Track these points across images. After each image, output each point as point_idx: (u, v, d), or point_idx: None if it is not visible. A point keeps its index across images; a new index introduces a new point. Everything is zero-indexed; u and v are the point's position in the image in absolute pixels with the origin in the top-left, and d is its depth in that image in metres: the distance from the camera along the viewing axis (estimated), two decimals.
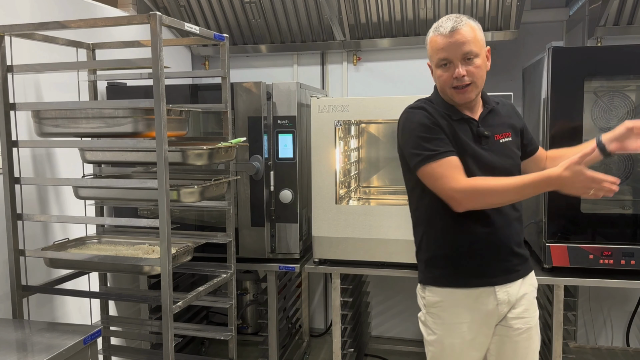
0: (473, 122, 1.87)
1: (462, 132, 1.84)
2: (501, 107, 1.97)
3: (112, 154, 2.24)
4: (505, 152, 1.89)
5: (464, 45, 1.75)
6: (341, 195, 2.86)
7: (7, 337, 1.88)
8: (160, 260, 2.02)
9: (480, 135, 1.86)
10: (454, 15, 1.80)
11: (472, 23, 1.80)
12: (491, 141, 1.87)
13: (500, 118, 1.93)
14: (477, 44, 1.77)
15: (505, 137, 1.90)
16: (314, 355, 3.63)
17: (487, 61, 1.85)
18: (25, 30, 2.12)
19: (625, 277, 2.47)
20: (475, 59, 1.78)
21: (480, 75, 1.80)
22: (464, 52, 1.75)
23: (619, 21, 3.20)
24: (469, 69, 1.77)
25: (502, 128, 1.91)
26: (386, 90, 3.60)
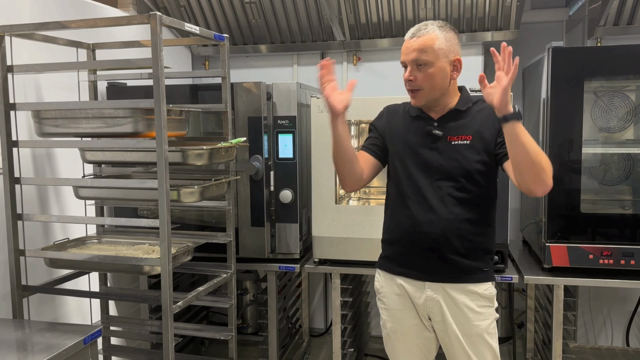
0: (429, 121, 1.94)
1: (413, 129, 1.96)
2: (477, 111, 1.92)
3: (112, 154, 2.24)
4: (453, 155, 1.88)
5: (414, 52, 1.84)
6: (341, 195, 2.86)
7: (7, 337, 1.88)
8: (160, 260, 2.02)
9: (429, 134, 1.91)
10: (424, 22, 1.87)
11: (436, 32, 1.83)
12: (442, 141, 1.90)
13: (466, 121, 1.91)
14: (432, 54, 1.81)
15: (461, 140, 1.88)
16: (314, 355, 3.63)
17: (451, 71, 1.87)
18: (25, 30, 2.12)
19: (625, 277, 2.47)
20: (426, 67, 1.83)
21: (432, 84, 1.84)
22: (414, 59, 1.84)
23: (619, 21, 3.20)
24: (418, 75, 1.85)
25: (461, 130, 1.90)
26: (386, 90, 3.60)
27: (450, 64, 1.86)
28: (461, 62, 1.88)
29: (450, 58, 1.85)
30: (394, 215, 2.02)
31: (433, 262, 1.92)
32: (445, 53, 1.83)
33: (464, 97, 1.95)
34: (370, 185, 3.29)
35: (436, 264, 1.92)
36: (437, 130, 1.91)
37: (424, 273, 1.94)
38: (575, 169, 2.48)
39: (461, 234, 1.88)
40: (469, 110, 1.92)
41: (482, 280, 1.93)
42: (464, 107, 1.92)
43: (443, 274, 1.92)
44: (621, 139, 2.76)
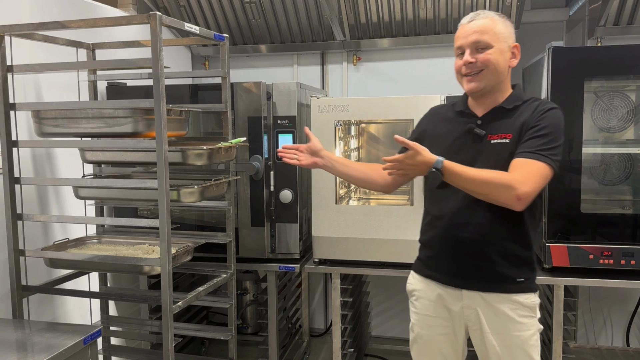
0: (473, 118, 1.87)
1: (455, 127, 1.90)
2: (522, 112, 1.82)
3: (112, 154, 2.24)
4: (491, 155, 1.80)
5: (475, 34, 1.78)
6: (341, 195, 2.86)
7: (7, 337, 1.88)
8: (160, 260, 2.02)
9: (470, 132, 1.85)
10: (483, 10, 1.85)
11: (495, 17, 1.80)
12: (483, 141, 1.83)
13: (510, 120, 1.81)
14: (492, 36, 1.77)
15: (500, 139, 1.80)
16: (314, 355, 3.63)
17: (510, 58, 1.82)
18: (25, 30, 2.12)
19: (625, 277, 2.47)
20: (487, 50, 1.78)
21: (494, 64, 1.78)
22: (475, 40, 1.78)
23: (619, 21, 3.20)
24: (479, 56, 1.78)
25: (502, 128, 1.81)
26: (386, 90, 3.61)
27: (509, 50, 1.81)
28: (519, 49, 1.83)
29: (510, 44, 1.81)
30: (428, 217, 1.96)
31: (467, 268, 1.84)
32: (505, 37, 1.80)
33: (514, 94, 1.86)
34: None
35: (470, 270, 1.84)
36: (480, 129, 1.83)
37: (459, 279, 1.87)
38: (576, 169, 2.48)
39: (494, 240, 1.80)
40: (515, 109, 1.83)
41: (518, 291, 1.82)
42: (510, 105, 1.83)
43: (478, 281, 1.84)
44: (621, 139, 2.76)
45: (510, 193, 1.67)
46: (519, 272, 1.83)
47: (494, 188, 1.70)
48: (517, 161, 1.73)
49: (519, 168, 1.72)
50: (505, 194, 1.68)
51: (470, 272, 1.85)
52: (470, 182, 1.72)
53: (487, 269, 1.82)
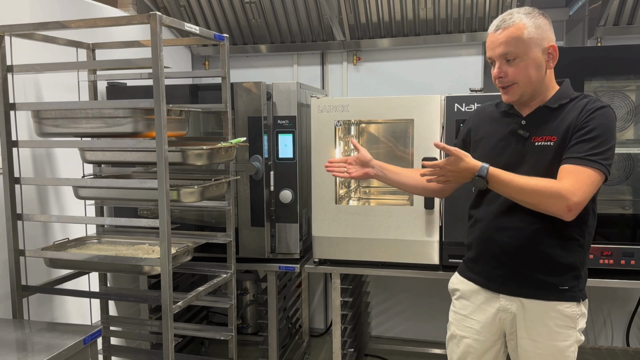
0: (517, 119, 1.80)
1: (499, 127, 1.83)
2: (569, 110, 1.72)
3: (112, 154, 2.24)
4: (534, 157, 1.73)
5: (501, 46, 1.70)
6: (341, 195, 2.86)
7: (7, 337, 1.88)
8: (160, 260, 2.02)
9: (514, 133, 1.78)
10: (511, 10, 1.73)
11: (524, 20, 1.68)
12: (527, 142, 1.75)
13: (555, 120, 1.72)
14: (520, 45, 1.67)
15: (545, 141, 1.71)
16: (314, 355, 3.63)
17: (545, 60, 1.71)
18: (25, 30, 2.12)
19: (625, 277, 2.47)
20: (516, 61, 1.69)
21: (526, 76, 1.70)
22: (502, 53, 1.70)
23: (619, 21, 3.20)
24: (508, 70, 1.71)
25: (547, 130, 1.72)
26: (386, 90, 3.60)
27: (544, 53, 1.70)
28: (556, 49, 1.71)
29: (544, 46, 1.69)
30: (471, 219, 1.92)
31: (506, 273, 1.79)
32: (538, 41, 1.68)
33: (560, 92, 1.76)
34: (370, 184, 3.30)
35: (510, 275, 1.78)
36: (523, 130, 1.75)
37: (498, 283, 1.82)
38: None
39: (535, 245, 1.72)
40: (561, 109, 1.73)
41: (560, 299, 1.73)
42: (555, 104, 1.73)
43: (518, 287, 1.77)
44: (621, 139, 2.76)
45: (560, 204, 1.60)
46: (562, 279, 1.74)
47: (543, 198, 1.63)
48: (566, 167, 1.65)
49: (568, 175, 1.63)
50: (556, 204, 1.62)
51: (510, 277, 1.79)
52: (518, 191, 1.65)
53: (526, 275, 1.76)
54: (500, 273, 1.81)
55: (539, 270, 1.74)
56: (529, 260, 1.75)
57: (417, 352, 3.55)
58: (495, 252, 1.81)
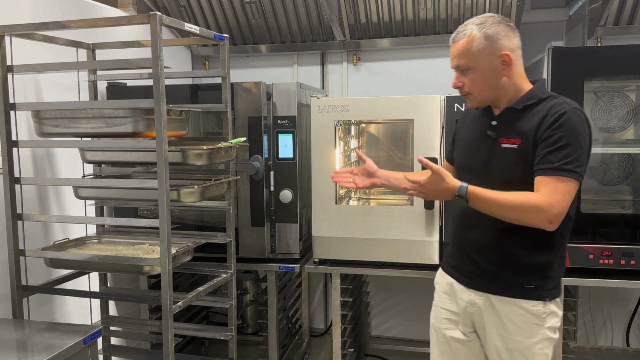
0: (489, 119, 1.85)
1: (475, 128, 1.90)
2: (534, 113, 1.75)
3: (112, 154, 2.24)
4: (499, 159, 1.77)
5: (455, 58, 1.80)
6: (341, 195, 2.86)
7: (7, 337, 1.88)
8: (160, 260, 2.02)
9: (484, 133, 1.84)
10: (467, 22, 1.79)
11: (474, 32, 1.73)
12: (495, 143, 1.79)
13: (520, 122, 1.75)
14: (470, 58, 1.74)
15: (510, 143, 1.75)
16: (314, 355, 3.63)
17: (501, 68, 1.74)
18: (25, 30, 2.12)
19: (625, 277, 2.47)
20: (468, 72, 1.77)
21: (480, 87, 1.77)
22: (455, 65, 1.80)
23: (619, 21, 3.20)
24: (464, 80, 1.80)
25: (512, 132, 1.76)
26: (386, 90, 3.60)
27: (497, 62, 1.73)
28: (510, 56, 1.73)
29: (496, 55, 1.73)
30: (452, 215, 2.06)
31: (474, 269, 1.86)
32: (487, 52, 1.72)
33: (529, 93, 1.78)
34: None
35: (477, 271, 1.85)
36: (492, 130, 1.81)
37: (468, 278, 1.89)
38: None
39: (500, 244, 1.77)
40: (527, 110, 1.76)
41: (526, 297, 1.77)
42: (520, 105, 1.77)
43: (483, 283, 1.83)
44: (621, 139, 2.76)
45: (541, 217, 1.64)
46: (527, 279, 1.77)
47: (523, 213, 1.66)
48: (541, 179, 1.67)
49: (544, 187, 1.65)
50: (537, 218, 1.65)
51: (478, 273, 1.85)
52: (498, 207, 1.68)
53: (493, 272, 1.81)
54: (470, 269, 1.88)
55: (504, 268, 1.79)
56: (495, 258, 1.81)
57: (417, 352, 3.55)
58: (465, 249, 1.89)
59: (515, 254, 1.77)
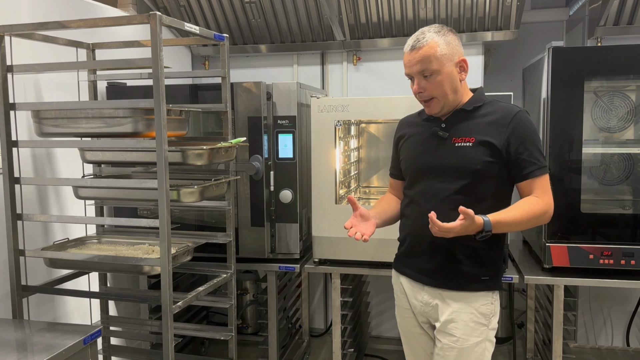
0: (437, 122, 1.95)
1: (422, 132, 1.99)
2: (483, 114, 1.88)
3: (112, 154, 2.24)
4: (454, 156, 1.86)
5: (417, 64, 1.84)
6: (341, 195, 2.86)
7: (7, 337, 1.88)
8: (160, 260, 2.02)
9: (435, 135, 1.92)
10: (423, 29, 1.86)
11: (435, 39, 1.82)
12: (447, 143, 1.89)
13: (471, 122, 1.88)
14: (436, 62, 1.81)
15: (464, 142, 1.86)
16: (314, 355, 3.63)
17: (458, 73, 1.86)
18: (25, 30, 2.12)
19: (625, 277, 2.47)
20: (433, 76, 1.83)
21: (442, 91, 1.85)
22: (420, 70, 1.84)
23: (619, 21, 3.20)
24: (426, 85, 1.85)
25: (465, 132, 1.87)
26: (386, 90, 3.60)
27: (456, 66, 1.86)
28: (467, 62, 1.88)
29: (455, 60, 1.85)
30: (402, 215, 2.06)
31: (429, 265, 1.93)
32: (449, 57, 1.83)
33: (475, 97, 1.93)
34: (370, 185, 3.30)
35: (432, 267, 1.92)
36: (443, 131, 1.91)
37: (425, 276, 1.95)
38: (576, 168, 2.48)
39: (457, 239, 1.80)
40: (475, 111, 1.90)
41: (480, 289, 1.89)
42: (470, 107, 1.90)
43: (442, 279, 1.91)
44: (621, 139, 2.76)
45: (547, 217, 1.83)
46: (481, 270, 1.89)
47: (537, 220, 1.82)
48: (530, 183, 1.83)
49: (538, 189, 1.82)
50: (544, 220, 1.83)
51: (435, 270, 1.92)
52: (517, 225, 1.80)
53: (451, 268, 1.89)
54: (427, 267, 1.94)
55: (464, 263, 1.88)
56: (455, 254, 1.88)
57: None
58: (423, 247, 1.93)
59: (474, 247, 1.86)
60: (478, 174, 1.83)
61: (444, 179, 1.87)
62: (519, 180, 1.85)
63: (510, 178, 1.87)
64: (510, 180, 1.88)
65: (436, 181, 1.89)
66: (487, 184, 1.84)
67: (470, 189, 1.84)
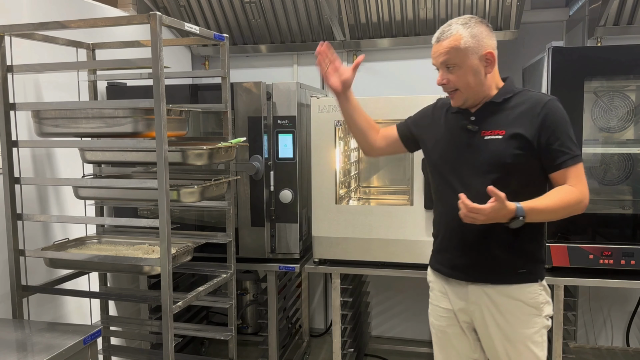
0: (466, 115, 1.92)
1: (450, 125, 1.96)
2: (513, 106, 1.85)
3: (112, 154, 2.24)
4: (486, 150, 1.84)
5: (442, 55, 1.83)
6: (341, 195, 2.86)
7: (7, 337, 1.88)
8: (160, 260, 2.02)
9: (464, 129, 1.90)
10: (449, 22, 1.86)
11: (460, 31, 1.80)
12: (477, 136, 1.87)
13: (501, 115, 1.85)
14: (458, 55, 1.80)
15: (494, 135, 1.84)
16: (314, 355, 3.63)
17: (483, 66, 1.83)
18: (25, 30, 2.12)
19: (625, 277, 2.47)
20: (456, 68, 1.82)
21: (465, 83, 1.83)
22: (443, 62, 1.84)
23: (619, 21, 3.20)
24: (450, 77, 1.85)
25: (495, 125, 1.85)
26: (386, 90, 3.60)
27: (481, 60, 1.82)
28: (494, 55, 1.84)
29: (481, 53, 1.81)
30: (436, 211, 2.04)
31: (463, 260, 1.90)
32: (474, 50, 1.80)
33: (504, 88, 1.89)
34: (370, 185, 3.30)
35: (473, 263, 1.89)
36: (472, 125, 1.88)
37: (462, 272, 1.92)
38: None
39: (492, 232, 1.81)
40: (505, 103, 1.86)
41: (521, 281, 1.86)
42: (499, 99, 1.87)
43: (480, 274, 1.88)
44: (621, 139, 2.76)
45: (582, 207, 1.80)
46: (519, 262, 1.87)
47: (571, 210, 1.79)
48: (564, 172, 1.80)
49: (573, 179, 1.80)
50: (579, 209, 1.80)
51: (472, 265, 1.89)
52: (552, 213, 1.78)
53: (487, 262, 1.87)
54: (464, 262, 1.91)
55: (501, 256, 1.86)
56: (492, 248, 1.86)
57: (417, 352, 3.55)
58: (460, 242, 1.91)
59: (513, 241, 1.84)
60: (509, 167, 1.81)
61: (475, 173, 1.85)
62: (552, 170, 1.82)
63: (543, 169, 1.84)
64: (544, 171, 1.84)
65: (467, 174, 1.86)
66: (519, 176, 1.82)
67: (502, 182, 1.77)
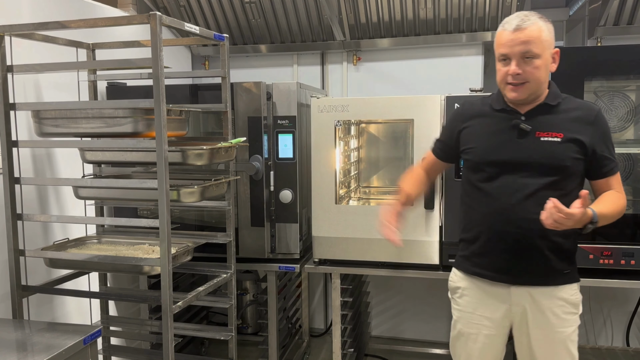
0: (515, 115, 1.87)
1: (496, 123, 1.90)
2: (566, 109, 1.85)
3: (112, 154, 2.24)
4: (542, 151, 1.80)
5: (523, 44, 1.75)
6: (341, 195, 2.86)
7: (7, 337, 1.88)
8: (160, 260, 2.02)
9: (516, 127, 1.85)
10: (525, 13, 1.79)
11: (540, 23, 1.77)
12: (530, 136, 1.83)
13: (556, 117, 1.83)
14: (539, 45, 1.75)
15: (551, 137, 1.81)
16: (314, 355, 3.62)
17: (551, 63, 1.83)
18: (25, 30, 2.12)
19: (625, 277, 2.47)
20: (534, 60, 1.76)
21: (537, 76, 1.78)
22: (522, 51, 1.76)
23: (619, 21, 3.20)
24: (526, 69, 1.77)
25: (551, 127, 1.82)
26: (386, 90, 3.60)
27: (551, 56, 1.82)
28: (559, 54, 1.83)
29: (552, 50, 1.81)
30: (472, 213, 1.96)
31: (518, 264, 1.85)
32: (549, 44, 1.79)
33: (554, 92, 1.87)
34: (370, 185, 3.30)
35: (521, 266, 1.85)
36: (526, 124, 1.83)
37: (509, 275, 1.88)
38: None
39: (545, 235, 1.78)
40: (559, 106, 1.85)
41: (566, 282, 1.87)
42: (554, 101, 1.85)
43: (528, 276, 1.86)
44: (621, 139, 2.76)
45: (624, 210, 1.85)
46: (565, 264, 1.88)
47: (620, 214, 1.83)
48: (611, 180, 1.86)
49: (617, 185, 1.87)
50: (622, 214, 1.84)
51: (521, 267, 1.86)
52: (610, 218, 1.80)
53: (538, 264, 1.85)
54: (512, 265, 1.87)
55: (550, 258, 1.84)
56: (542, 249, 1.83)
57: (417, 352, 3.55)
58: (508, 244, 1.85)
59: (561, 242, 1.84)
60: (566, 171, 1.80)
61: (528, 174, 1.81)
62: (599, 177, 1.85)
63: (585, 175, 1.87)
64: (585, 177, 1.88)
65: (519, 175, 1.82)
66: (572, 180, 1.82)
67: (557, 184, 1.78)
